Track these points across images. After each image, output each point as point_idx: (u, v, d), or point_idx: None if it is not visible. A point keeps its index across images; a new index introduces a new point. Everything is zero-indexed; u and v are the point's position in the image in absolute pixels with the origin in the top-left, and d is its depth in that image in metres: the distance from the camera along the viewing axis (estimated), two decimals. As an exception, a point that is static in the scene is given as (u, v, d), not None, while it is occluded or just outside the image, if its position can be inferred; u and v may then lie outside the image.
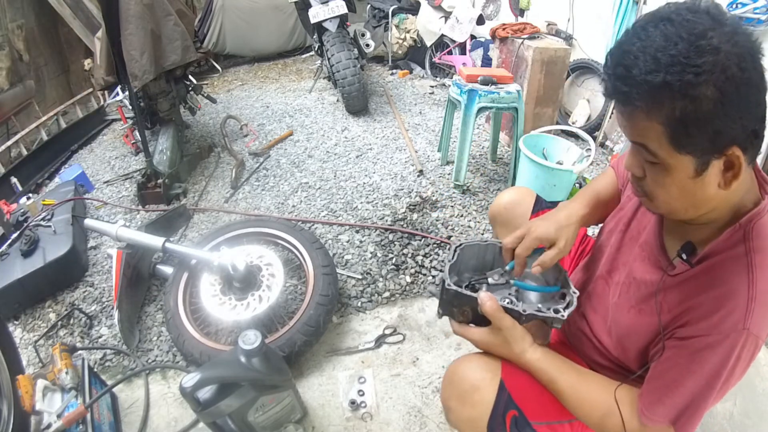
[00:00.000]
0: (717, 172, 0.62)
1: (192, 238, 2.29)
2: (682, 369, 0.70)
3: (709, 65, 0.53)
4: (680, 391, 0.70)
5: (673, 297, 0.75)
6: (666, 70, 0.55)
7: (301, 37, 5.36)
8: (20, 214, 2.25)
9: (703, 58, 0.54)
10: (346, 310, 1.84)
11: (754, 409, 1.46)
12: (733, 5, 2.08)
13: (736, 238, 0.67)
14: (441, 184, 2.65)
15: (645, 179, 0.68)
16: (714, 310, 0.67)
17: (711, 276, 0.69)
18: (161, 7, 2.41)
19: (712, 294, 0.68)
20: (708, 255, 0.70)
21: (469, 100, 2.35)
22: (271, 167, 2.95)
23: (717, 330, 0.66)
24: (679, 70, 0.54)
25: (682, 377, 0.70)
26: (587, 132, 2.58)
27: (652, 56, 0.56)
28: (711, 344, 0.67)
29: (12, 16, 3.60)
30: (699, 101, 0.55)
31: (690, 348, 0.69)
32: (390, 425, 1.42)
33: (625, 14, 2.69)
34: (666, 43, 0.55)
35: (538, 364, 0.85)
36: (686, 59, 0.54)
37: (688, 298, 0.71)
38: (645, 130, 0.60)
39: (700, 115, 0.56)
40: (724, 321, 0.66)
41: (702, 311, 0.68)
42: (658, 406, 0.73)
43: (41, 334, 1.76)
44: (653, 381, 0.75)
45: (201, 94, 3.23)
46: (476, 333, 0.88)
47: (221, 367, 1.13)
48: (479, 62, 3.93)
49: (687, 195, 0.65)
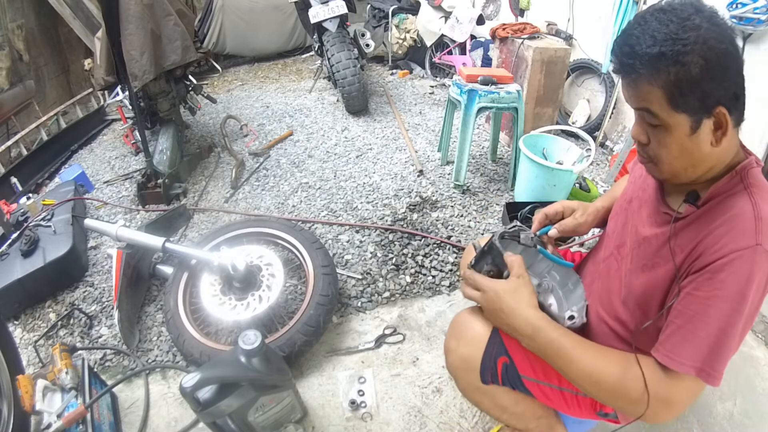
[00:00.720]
0: (708, 132, 0.72)
1: (192, 238, 2.29)
2: (703, 300, 0.71)
3: (693, 38, 0.67)
4: (704, 324, 0.70)
5: (684, 238, 0.78)
6: (661, 44, 0.68)
7: (301, 37, 5.36)
8: (20, 214, 2.25)
9: (688, 33, 0.67)
10: (346, 310, 1.84)
11: (754, 409, 1.46)
12: (733, 5, 2.07)
13: (734, 180, 0.76)
14: (441, 184, 2.65)
15: (649, 145, 0.78)
16: (725, 232, 0.72)
17: (717, 210, 0.75)
18: (161, 7, 2.41)
19: (720, 220, 0.73)
20: (711, 196, 0.77)
21: (469, 100, 2.35)
22: (271, 167, 2.95)
23: (730, 248, 0.70)
24: (671, 43, 0.68)
25: (705, 308, 0.70)
26: (587, 132, 2.58)
27: (650, 35, 0.70)
28: (727, 265, 0.69)
29: (12, 16, 3.60)
30: (688, 67, 0.68)
31: (707, 275, 0.71)
32: (390, 425, 1.42)
33: (625, 14, 2.69)
34: (660, 25, 0.70)
35: (543, 321, 0.86)
36: (675, 35, 0.68)
37: (698, 234, 0.75)
38: (647, 94, 0.72)
39: (691, 79, 0.68)
40: (736, 239, 0.70)
41: (713, 237, 0.73)
42: (683, 345, 0.71)
43: (41, 334, 1.76)
44: (674, 322, 0.74)
45: (201, 94, 3.23)
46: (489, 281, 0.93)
47: (221, 367, 1.13)
48: (479, 62, 3.93)
49: (686, 154, 0.75)
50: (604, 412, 1.01)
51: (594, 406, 1.00)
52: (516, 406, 1.03)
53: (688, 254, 0.76)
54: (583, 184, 2.42)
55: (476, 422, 1.42)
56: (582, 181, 2.44)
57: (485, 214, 2.40)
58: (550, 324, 0.85)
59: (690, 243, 0.76)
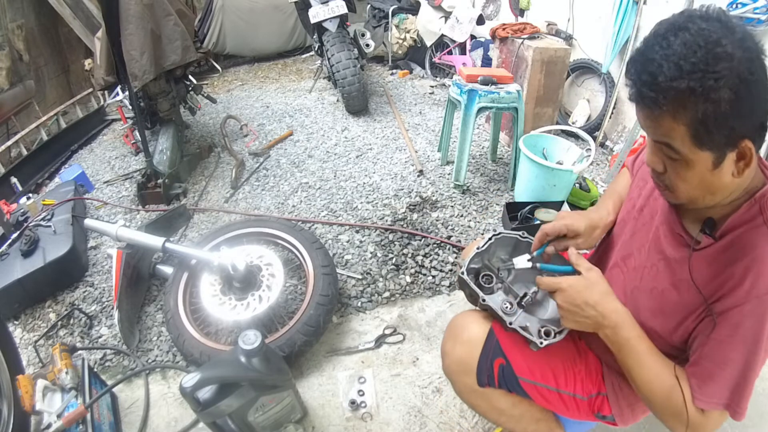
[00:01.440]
0: (731, 163, 0.68)
1: (192, 238, 2.29)
2: (725, 344, 0.73)
3: (726, 71, 0.60)
4: (729, 367, 0.73)
5: (701, 272, 0.77)
6: (689, 77, 0.61)
7: (301, 37, 5.36)
8: (20, 214, 2.26)
9: (720, 65, 0.60)
10: (346, 310, 1.84)
11: (754, 409, 1.46)
12: (733, 5, 2.07)
13: (753, 211, 0.72)
14: (441, 184, 2.65)
15: (666, 174, 0.74)
16: (745, 277, 0.71)
17: (737, 247, 0.73)
18: (161, 7, 2.41)
19: (741, 264, 0.71)
20: (730, 228, 0.74)
21: (469, 100, 2.35)
22: (271, 167, 2.95)
23: (751, 295, 0.70)
24: (700, 76, 0.60)
25: (728, 355, 0.72)
26: (587, 132, 2.58)
27: (675, 64, 0.62)
28: (749, 312, 0.70)
29: (12, 16, 3.59)
30: (718, 103, 0.61)
31: (729, 321, 0.72)
32: (390, 425, 1.43)
33: (625, 14, 2.69)
34: (686, 51, 0.61)
35: (627, 316, 0.83)
36: (705, 66, 0.60)
37: (719, 272, 0.74)
38: (670, 130, 0.66)
39: (719, 116, 0.62)
40: (756, 285, 0.69)
41: (734, 282, 0.72)
42: (709, 386, 0.75)
43: (41, 334, 1.76)
44: (701, 365, 0.76)
45: (201, 94, 3.23)
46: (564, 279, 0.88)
47: (221, 367, 1.13)
48: (479, 62, 3.93)
49: (706, 185, 0.71)
50: (602, 414, 1.00)
51: (592, 407, 1.00)
52: (513, 409, 1.02)
53: (709, 293, 0.75)
54: (583, 184, 2.42)
55: (476, 422, 1.42)
56: (582, 181, 2.44)
57: (485, 214, 2.40)
58: (632, 321, 0.84)
59: (711, 282, 0.75)
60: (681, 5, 2.38)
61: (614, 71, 2.94)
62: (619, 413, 0.99)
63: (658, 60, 0.63)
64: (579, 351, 1.04)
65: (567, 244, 0.98)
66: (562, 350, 1.01)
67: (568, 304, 0.85)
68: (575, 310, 0.85)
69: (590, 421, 1.04)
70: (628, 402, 0.98)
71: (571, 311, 0.85)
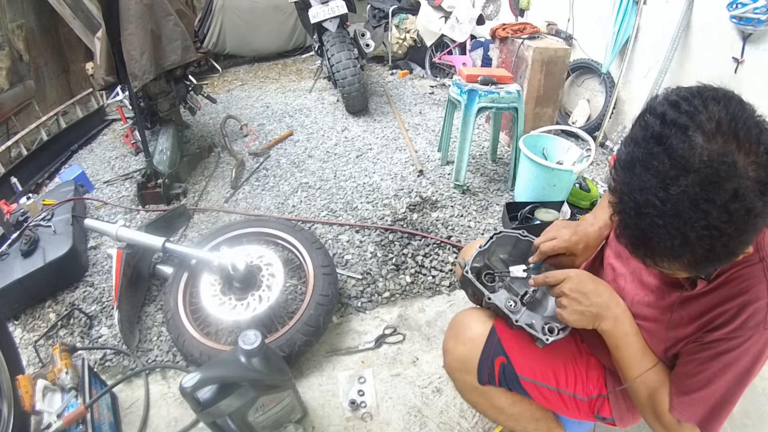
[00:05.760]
0: None
1: (192, 238, 2.29)
2: (709, 372, 0.75)
3: (740, 222, 0.55)
4: (708, 392, 0.75)
5: (694, 309, 0.77)
6: (694, 245, 0.57)
7: (301, 37, 5.36)
8: (20, 214, 2.26)
9: (734, 224, 0.55)
10: (346, 310, 1.84)
11: (754, 409, 1.46)
12: (733, 5, 2.07)
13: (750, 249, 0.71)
14: (441, 184, 2.65)
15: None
16: (737, 314, 0.72)
17: (731, 285, 0.73)
18: (161, 7, 2.41)
19: (735, 302, 0.72)
20: (726, 268, 0.73)
21: (469, 100, 2.35)
22: (271, 167, 2.95)
23: (741, 331, 0.71)
24: (707, 238, 0.56)
25: (710, 379, 0.75)
26: (587, 132, 2.58)
27: (677, 230, 0.57)
28: (736, 346, 0.72)
29: (12, 16, 3.60)
30: (718, 249, 0.58)
31: (716, 350, 0.74)
32: (390, 425, 1.42)
33: (625, 14, 2.69)
34: (693, 212, 0.55)
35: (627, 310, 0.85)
36: (717, 223, 0.55)
37: (711, 308, 0.75)
38: (665, 269, 0.66)
39: (720, 252, 0.59)
40: (746, 323, 0.71)
41: (726, 318, 0.73)
42: (688, 406, 0.78)
43: (41, 334, 1.76)
44: (683, 380, 0.79)
45: (201, 94, 3.23)
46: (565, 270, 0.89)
47: (221, 367, 1.13)
48: (479, 62, 3.93)
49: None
50: (602, 416, 1.00)
51: (591, 408, 1.00)
52: (513, 408, 1.02)
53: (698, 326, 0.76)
54: (583, 184, 2.42)
55: (476, 422, 1.42)
56: (582, 181, 2.43)
57: (485, 214, 2.40)
58: (631, 317, 0.85)
59: (700, 317, 0.76)
60: (681, 5, 2.38)
61: (614, 71, 2.94)
62: (620, 416, 0.99)
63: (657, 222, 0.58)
64: (580, 352, 1.04)
65: (563, 262, 0.99)
66: (563, 350, 1.01)
67: (575, 292, 0.84)
68: (581, 298, 0.84)
69: (590, 421, 1.04)
70: (628, 406, 0.98)
71: (576, 300, 0.84)
